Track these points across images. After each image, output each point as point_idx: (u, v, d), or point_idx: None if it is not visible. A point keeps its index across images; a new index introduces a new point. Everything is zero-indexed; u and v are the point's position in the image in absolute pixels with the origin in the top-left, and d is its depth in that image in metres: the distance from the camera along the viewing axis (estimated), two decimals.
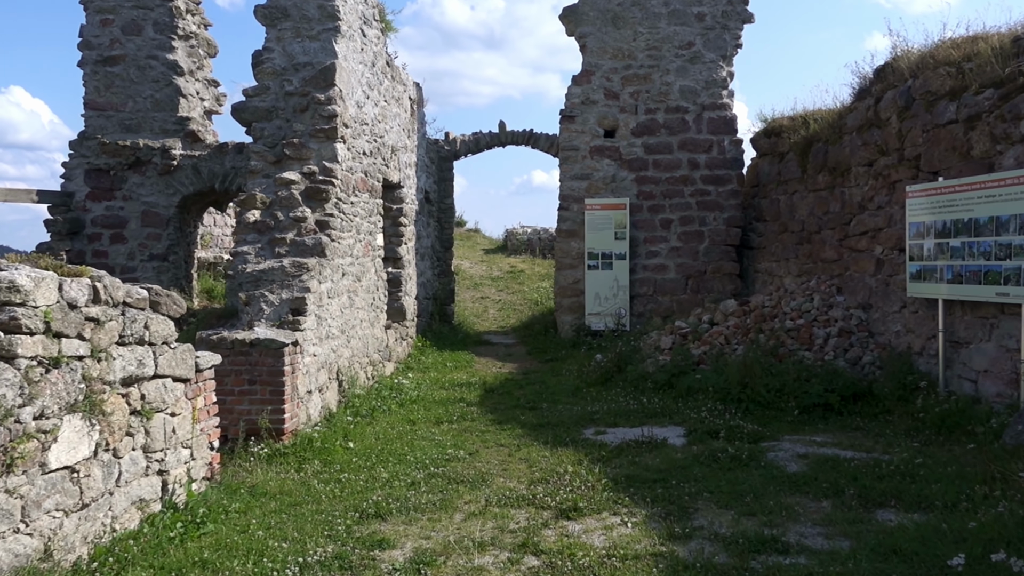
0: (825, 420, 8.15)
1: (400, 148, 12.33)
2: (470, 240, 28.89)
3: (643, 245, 14.15)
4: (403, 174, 12.61)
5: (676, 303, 14.09)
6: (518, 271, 24.25)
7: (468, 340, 14.95)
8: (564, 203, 14.34)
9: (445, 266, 15.97)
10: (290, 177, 8.68)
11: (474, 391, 10.51)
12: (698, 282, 14.09)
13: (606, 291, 14.05)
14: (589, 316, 14.09)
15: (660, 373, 9.90)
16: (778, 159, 13.48)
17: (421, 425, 8.48)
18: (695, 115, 14.07)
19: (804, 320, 10.26)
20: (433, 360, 12.66)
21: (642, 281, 14.14)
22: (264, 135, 9.13)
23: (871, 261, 10.00)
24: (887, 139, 9.77)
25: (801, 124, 13.02)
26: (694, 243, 14.10)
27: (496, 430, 8.24)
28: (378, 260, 10.94)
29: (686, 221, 14.11)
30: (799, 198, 12.54)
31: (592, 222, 14.06)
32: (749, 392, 8.65)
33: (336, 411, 8.55)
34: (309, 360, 7.83)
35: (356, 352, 9.66)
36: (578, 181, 14.26)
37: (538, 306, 18.81)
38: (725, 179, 14.09)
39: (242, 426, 7.15)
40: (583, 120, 14.19)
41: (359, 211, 9.87)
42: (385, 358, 11.13)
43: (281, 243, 8.39)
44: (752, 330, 10.47)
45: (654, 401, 9.19)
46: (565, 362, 12.63)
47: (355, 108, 9.72)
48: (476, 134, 16.01)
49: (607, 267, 14.06)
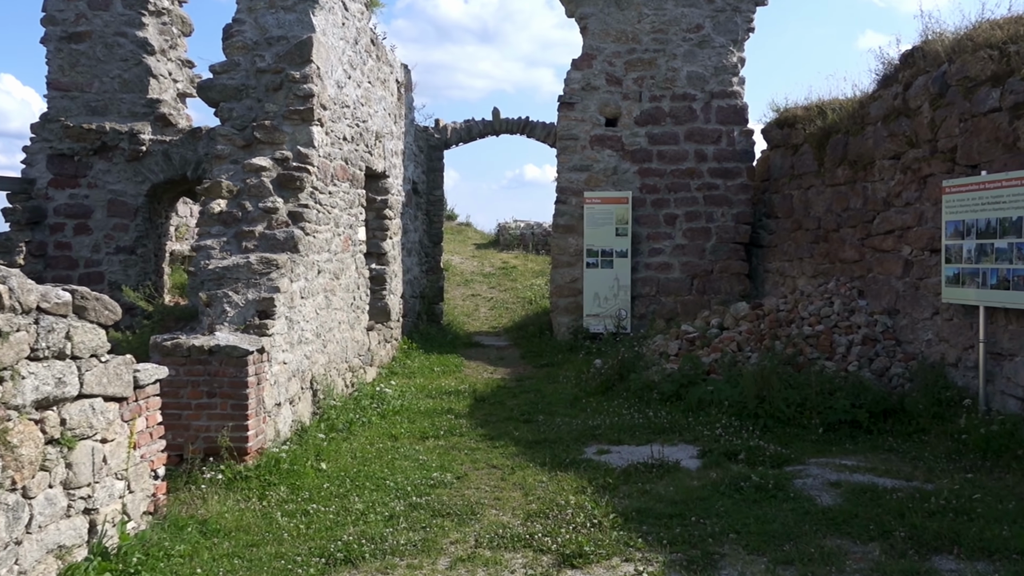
0: (853, 439, 7.47)
1: (385, 134, 11.57)
2: (461, 234, 28.26)
3: (646, 242, 13.45)
4: (389, 163, 11.85)
5: (681, 304, 13.39)
6: (511, 267, 23.57)
7: (458, 342, 14.22)
8: (562, 196, 13.62)
9: (434, 262, 15.22)
10: (260, 163, 7.92)
11: (463, 400, 9.79)
12: (704, 282, 13.40)
13: (606, 291, 13.34)
14: (587, 318, 13.38)
15: (667, 383, 9.20)
16: (791, 151, 12.79)
17: (404, 441, 7.75)
18: (703, 103, 13.36)
19: (824, 326, 9.57)
20: (420, 364, 11.92)
21: (644, 280, 13.44)
22: (233, 116, 8.36)
23: (898, 262, 9.32)
24: (917, 129, 9.08)
25: (817, 114, 12.34)
26: (700, 240, 13.40)
27: (487, 447, 7.52)
28: (359, 256, 10.19)
29: (692, 217, 13.41)
30: (815, 193, 11.85)
31: (591, 217, 13.34)
32: (767, 407, 7.96)
33: (309, 425, 7.81)
34: (278, 369, 7.09)
35: (333, 357, 8.91)
36: (577, 173, 13.53)
37: (532, 305, 18.10)
38: (734, 172, 13.39)
39: (200, 445, 6.41)
40: (583, 107, 13.46)
41: (338, 202, 9.12)
42: (367, 363, 10.39)
43: (249, 236, 7.64)
44: (767, 336, 9.78)
45: (661, 415, 8.48)
46: (562, 367, 11.92)
47: (335, 88, 8.96)
48: (468, 122, 15.26)
49: (607, 265, 13.34)
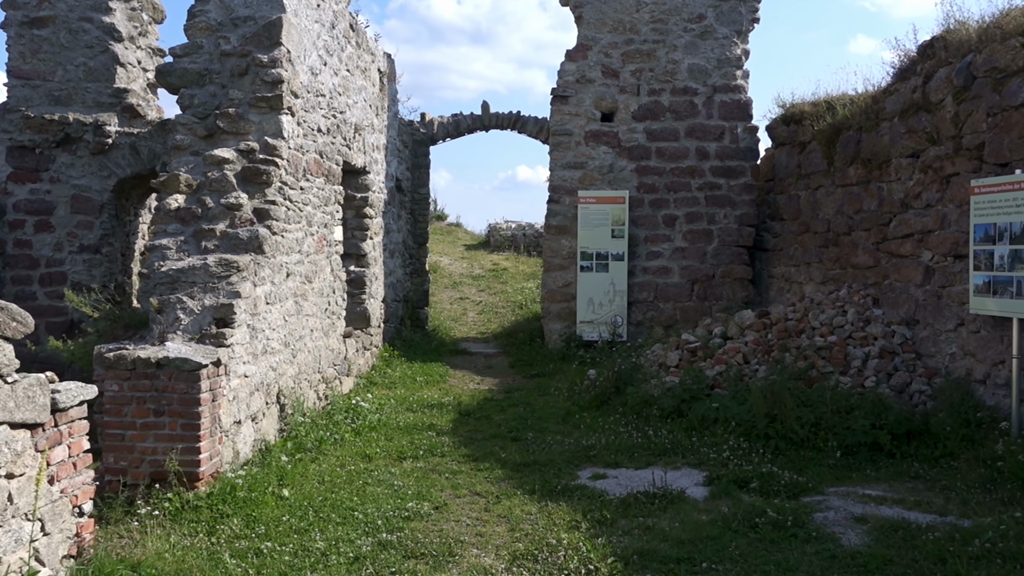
0: (874, 464, 6.88)
1: (366, 127, 10.95)
2: (451, 235, 27.65)
3: (643, 244, 12.86)
4: (369, 157, 11.22)
5: (680, 311, 12.81)
6: (501, 269, 22.96)
7: (443, 349, 13.59)
8: (554, 195, 13.02)
9: (419, 264, 14.59)
10: (223, 155, 7.28)
11: (447, 414, 9.17)
12: (705, 288, 12.82)
13: (601, 296, 12.74)
14: (581, 324, 12.78)
15: (668, 398, 8.60)
16: (798, 149, 12.24)
17: (379, 462, 7.13)
18: (705, 98, 12.79)
19: (837, 337, 8.99)
20: (401, 374, 11.29)
21: (642, 285, 12.85)
22: (194, 104, 7.71)
23: (917, 269, 8.75)
24: (939, 125, 8.52)
25: (826, 110, 11.78)
26: (702, 243, 12.82)
27: (471, 471, 6.90)
28: (336, 257, 9.56)
29: (693, 218, 12.83)
30: (824, 194, 11.29)
31: (586, 217, 12.74)
32: (779, 427, 7.36)
33: (275, 444, 7.17)
34: (238, 383, 6.45)
35: (304, 368, 8.28)
36: (570, 170, 12.93)
37: (522, 309, 17.49)
38: (738, 171, 12.82)
39: (145, 469, 5.78)
40: (577, 101, 12.87)
41: (311, 199, 8.49)
42: (342, 372, 9.75)
43: (209, 235, 7.00)
44: (775, 348, 9.20)
45: (662, 433, 7.89)
46: (553, 378, 11.31)
47: (308, 75, 8.33)
48: (456, 116, 14.64)
49: (602, 269, 12.75)
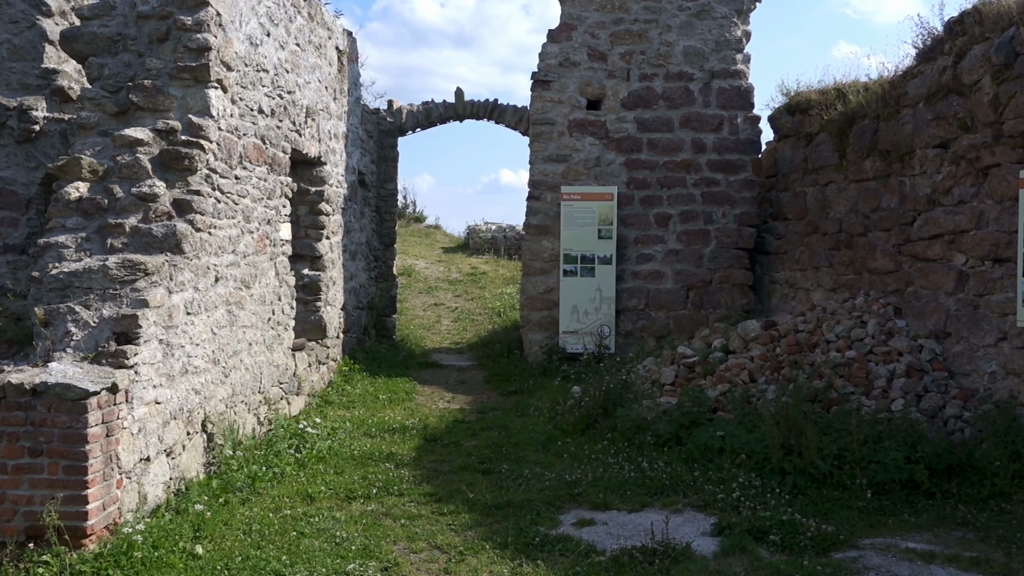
0: (911, 506, 5.94)
1: (320, 111, 9.91)
2: (429, 238, 26.77)
3: (633, 246, 11.90)
4: (326, 146, 10.18)
5: (674, 320, 11.86)
6: (479, 273, 21.99)
7: (411, 362, 12.55)
8: (535, 191, 12.03)
9: (385, 267, 13.55)
10: (136, 135, 6.22)
11: (410, 440, 8.15)
12: (701, 294, 11.88)
13: (586, 303, 11.76)
14: (564, 335, 11.79)
15: (664, 422, 7.62)
16: (804, 142, 11.34)
17: (322, 503, 6.10)
18: (702, 84, 11.86)
19: (856, 352, 8.06)
20: (362, 391, 10.24)
21: (631, 292, 11.89)
22: (104, 75, 6.65)
23: (949, 274, 7.84)
24: (974, 109, 7.62)
25: (836, 97, 10.91)
26: (697, 245, 11.88)
27: (432, 515, 5.90)
28: (282, 259, 8.51)
29: (688, 217, 11.89)
30: (835, 190, 10.39)
31: (570, 216, 11.77)
32: (797, 460, 6.40)
33: (197, 482, 6.11)
34: (145, 412, 5.40)
35: (240, 388, 7.22)
36: (553, 164, 11.95)
37: (501, 317, 16.48)
38: (738, 165, 11.90)
39: (19, 523, 4.72)
40: (561, 86, 11.90)
41: (250, 191, 7.44)
42: (291, 391, 8.70)
43: (117, 232, 5.94)
44: (785, 364, 8.26)
45: (658, 466, 6.91)
46: (533, 395, 10.31)
47: (245, 44, 7.29)
48: (427, 104, 13.62)
49: (587, 273, 11.77)
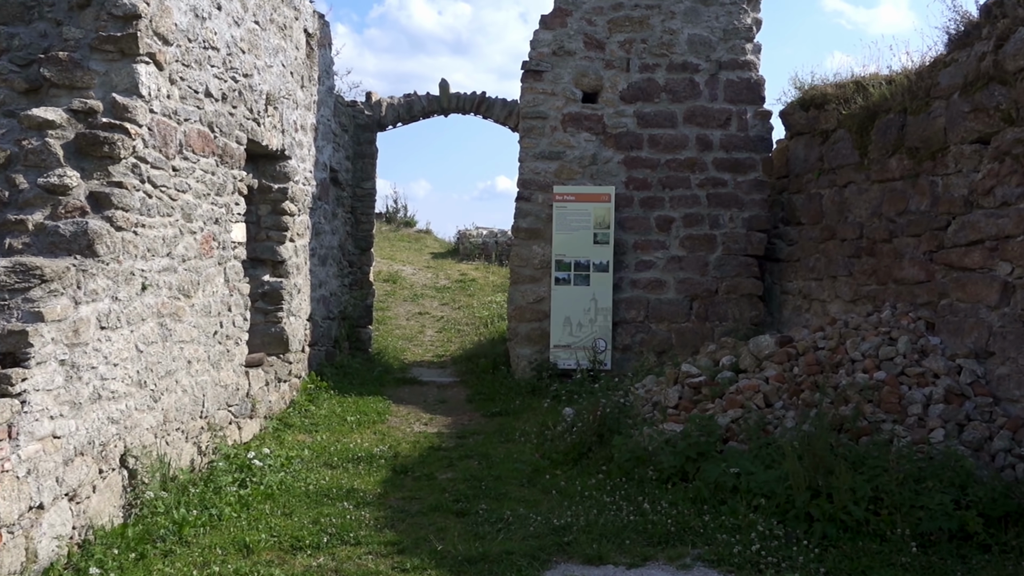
0: (965, 563, 5.07)
1: (284, 100, 9.04)
2: (419, 243, 26.12)
3: (632, 252, 11.04)
4: (290, 139, 9.31)
5: (676, 333, 10.99)
6: (469, 280, 21.17)
7: (387, 378, 11.64)
8: (524, 191, 11.17)
9: (361, 274, 12.65)
10: (46, 116, 5.34)
11: (376, 472, 7.26)
12: (706, 305, 11.02)
13: (580, 315, 10.89)
14: (555, 349, 10.91)
15: (668, 454, 6.74)
16: (820, 139, 10.52)
17: (261, 556, 5.20)
18: (708, 75, 11.02)
19: (886, 373, 7.20)
20: (328, 412, 9.34)
21: (630, 302, 11.02)
22: (15, 47, 5.78)
23: (991, 286, 6.98)
24: (1020, 99, 6.79)
25: (855, 91, 10.09)
26: (702, 251, 11.02)
27: (391, 572, 5.00)
28: (234, 264, 7.62)
29: (692, 221, 11.04)
30: (855, 192, 9.56)
31: (563, 218, 10.91)
32: (825, 505, 5.53)
33: (111, 531, 5.21)
34: (37, 449, 4.50)
35: (175, 413, 6.32)
36: (544, 161, 11.10)
37: (488, 328, 15.61)
38: (747, 165, 11.06)
39: None
40: (554, 77, 11.05)
41: (192, 184, 6.56)
42: (242, 414, 7.80)
43: (18, 230, 5.06)
44: (805, 386, 7.39)
45: (662, 507, 6.04)
46: (520, 418, 9.44)
47: (189, 16, 6.42)
48: (409, 97, 12.75)
49: (582, 281, 10.91)
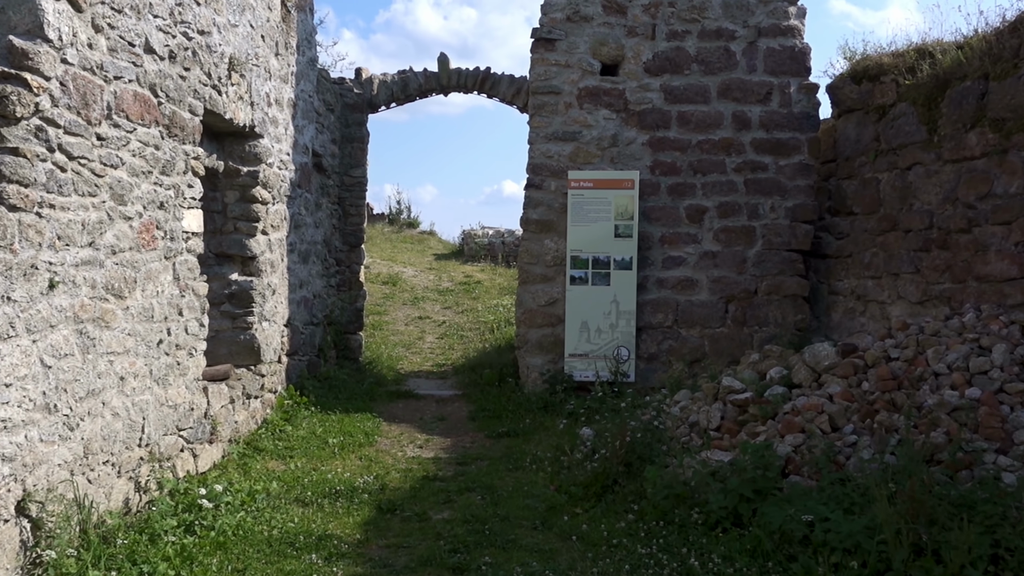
0: None
1: (253, 68, 7.90)
2: (422, 244, 25.20)
3: (659, 247, 9.87)
4: (262, 114, 8.17)
5: (710, 340, 9.81)
6: (474, 282, 20.13)
7: (379, 391, 10.47)
8: (535, 177, 10.01)
9: (350, 273, 11.48)
10: None
11: (358, 510, 6.12)
12: (744, 308, 9.83)
13: (599, 319, 9.72)
14: (570, 359, 9.73)
15: (717, 491, 5.57)
16: (875, 116, 9.35)
17: None
18: (746, 44, 9.85)
19: (981, 389, 6.01)
20: (307, 432, 8.19)
21: (656, 304, 9.85)
22: None
23: None
24: None
25: (918, 58, 8.93)
26: (740, 246, 9.84)
27: None
28: (186, 259, 6.48)
29: (728, 211, 9.86)
30: (922, 174, 8.39)
31: (579, 208, 9.75)
32: (934, 568, 4.33)
33: None
34: None
35: (102, 443, 5.18)
36: (558, 143, 9.93)
37: (494, 333, 14.45)
38: (791, 146, 9.88)
39: None
40: (569, 46, 9.89)
41: (128, 159, 5.43)
42: (199, 438, 6.65)
43: None
44: (880, 405, 6.21)
45: (713, 563, 4.90)
46: (530, 439, 8.29)
47: None
48: (404, 73, 11.59)
49: (601, 280, 9.74)
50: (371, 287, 18.84)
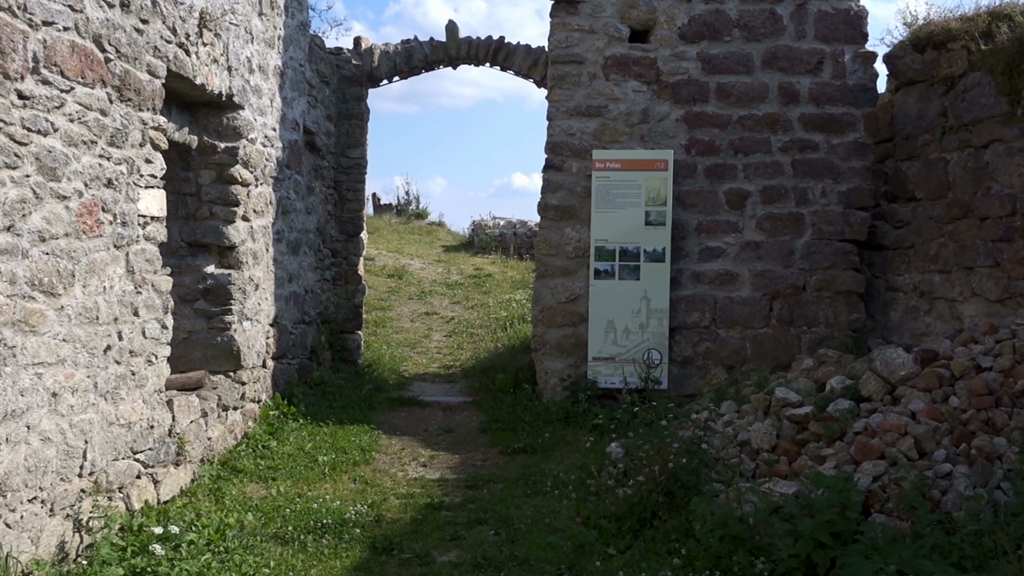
0: None
1: (232, 27, 6.95)
2: (430, 235, 24.56)
3: (695, 236, 8.89)
4: (242, 82, 7.23)
5: (752, 342, 8.83)
6: (484, 275, 19.31)
7: (380, 398, 9.53)
8: (554, 158, 9.03)
9: (347, 266, 10.52)
10: None
11: (346, 551, 5.20)
12: (791, 306, 8.85)
13: (627, 318, 8.76)
14: (595, 363, 8.77)
15: (785, 535, 4.60)
16: (942, 88, 8.35)
17: None
18: (794, 6, 8.84)
19: None
20: (294, 449, 7.26)
21: (691, 301, 8.88)
22: None
23: None
24: None
25: (993, 22, 7.93)
26: (786, 235, 8.86)
27: None
28: (144, 248, 5.54)
29: (773, 196, 8.87)
30: (1002, 153, 7.40)
31: (605, 193, 8.78)
32: None
33: None
34: None
35: (24, 476, 4.27)
36: (580, 119, 8.96)
37: (507, 331, 13.48)
38: (844, 122, 8.87)
39: None
40: (593, 10, 8.90)
41: (63, 124, 4.50)
42: (161, 461, 5.73)
43: None
44: (975, 425, 5.23)
45: None
46: (551, 457, 7.35)
47: None
48: (408, 43, 10.59)
49: (630, 274, 8.77)
50: (376, 280, 18.00)
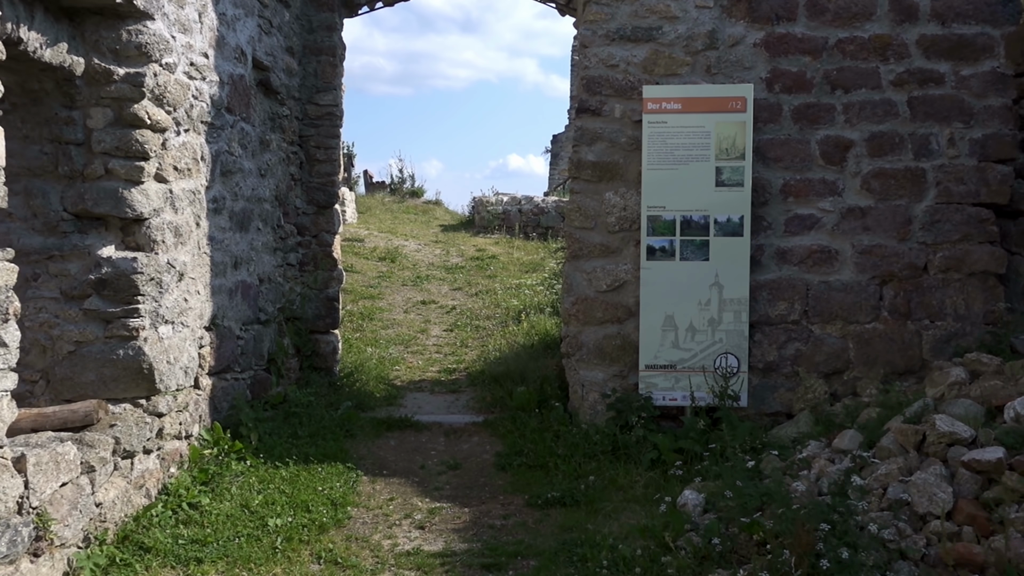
0: None
1: None
2: (427, 215, 23.46)
3: (779, 201, 6.88)
4: None
5: (856, 342, 6.82)
6: (488, 257, 17.62)
7: (361, 419, 7.47)
8: (591, 98, 6.99)
9: (317, 246, 8.43)
10: None
11: None
12: (908, 293, 6.84)
13: (692, 311, 6.76)
14: (649, 373, 6.76)
15: None
16: None
17: None
18: None
19: None
20: (235, 507, 5.26)
21: (775, 288, 6.87)
22: None
23: None
24: None
25: None
26: (901, 198, 6.84)
27: None
28: None
29: (884, 146, 6.84)
30: None
31: (660, 144, 6.75)
32: None
33: None
34: None
35: None
36: (625, 45, 6.92)
37: (521, 324, 11.46)
38: (978, 46, 6.83)
39: None
40: None
41: None
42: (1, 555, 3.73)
43: None
44: None
45: None
46: (598, 511, 5.39)
47: None
48: None
49: (696, 252, 6.76)
50: (364, 264, 16.15)
